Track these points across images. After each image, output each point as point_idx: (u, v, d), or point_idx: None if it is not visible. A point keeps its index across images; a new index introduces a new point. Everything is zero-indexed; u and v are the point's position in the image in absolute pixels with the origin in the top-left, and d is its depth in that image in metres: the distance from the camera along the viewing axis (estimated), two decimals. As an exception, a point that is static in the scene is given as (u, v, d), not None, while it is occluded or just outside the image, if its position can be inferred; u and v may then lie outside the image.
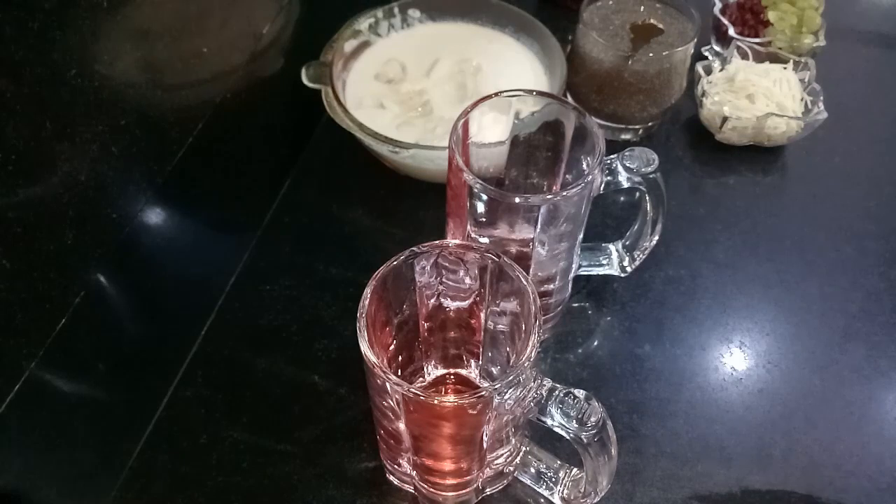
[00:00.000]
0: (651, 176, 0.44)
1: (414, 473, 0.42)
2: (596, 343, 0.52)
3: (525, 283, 0.36)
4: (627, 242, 0.51)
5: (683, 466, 0.46)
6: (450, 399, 0.34)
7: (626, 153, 0.44)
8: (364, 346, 0.34)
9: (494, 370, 0.45)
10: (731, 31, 0.66)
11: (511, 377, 0.33)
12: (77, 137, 0.39)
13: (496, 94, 0.45)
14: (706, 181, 0.61)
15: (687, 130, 0.65)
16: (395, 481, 0.45)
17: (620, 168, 0.44)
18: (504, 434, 0.39)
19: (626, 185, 0.44)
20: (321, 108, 0.57)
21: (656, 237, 0.49)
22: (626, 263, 0.51)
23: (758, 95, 0.61)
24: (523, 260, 0.44)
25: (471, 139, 0.45)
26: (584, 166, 0.44)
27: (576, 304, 0.53)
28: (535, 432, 0.44)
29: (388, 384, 0.33)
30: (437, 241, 0.38)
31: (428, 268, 0.39)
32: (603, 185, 0.44)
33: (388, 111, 0.60)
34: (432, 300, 0.41)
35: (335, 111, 0.57)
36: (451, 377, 0.47)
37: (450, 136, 0.43)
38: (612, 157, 0.44)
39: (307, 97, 0.58)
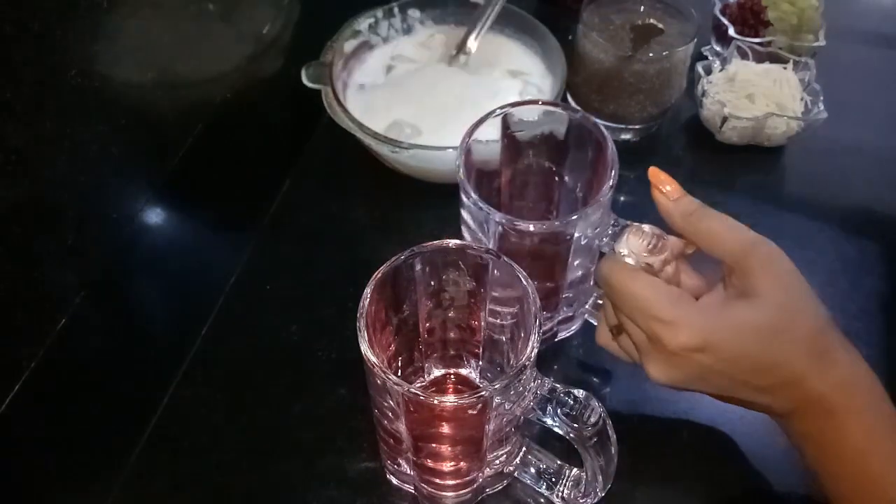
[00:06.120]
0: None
1: (414, 473, 0.41)
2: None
3: (525, 283, 0.36)
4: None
5: (683, 466, 0.46)
6: (450, 399, 0.34)
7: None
8: (364, 346, 0.34)
9: (494, 370, 0.45)
10: (731, 31, 0.66)
11: (511, 377, 0.33)
12: (77, 137, 0.39)
13: (499, 109, 0.44)
14: (706, 181, 0.61)
15: (687, 130, 0.65)
16: (395, 481, 0.45)
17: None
18: (504, 434, 0.39)
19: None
20: (321, 108, 0.57)
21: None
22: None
23: (758, 95, 0.61)
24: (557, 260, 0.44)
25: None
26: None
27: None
28: (535, 432, 0.44)
29: (388, 384, 0.33)
30: (437, 241, 0.38)
31: (428, 268, 0.39)
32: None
33: (387, 111, 0.60)
34: (432, 300, 0.41)
35: (335, 111, 0.57)
36: (451, 377, 0.47)
37: (456, 160, 0.42)
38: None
39: (307, 97, 0.58)
